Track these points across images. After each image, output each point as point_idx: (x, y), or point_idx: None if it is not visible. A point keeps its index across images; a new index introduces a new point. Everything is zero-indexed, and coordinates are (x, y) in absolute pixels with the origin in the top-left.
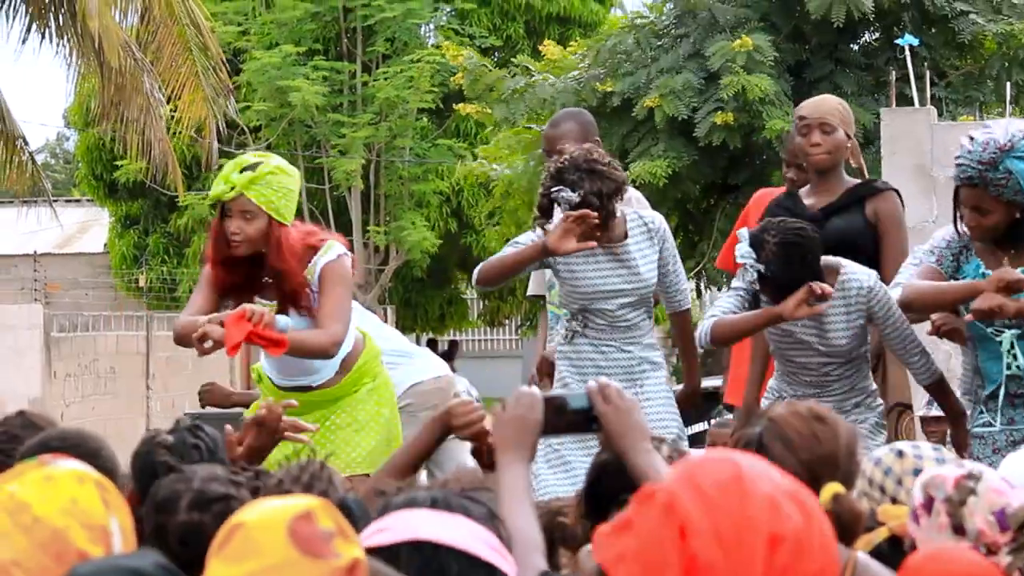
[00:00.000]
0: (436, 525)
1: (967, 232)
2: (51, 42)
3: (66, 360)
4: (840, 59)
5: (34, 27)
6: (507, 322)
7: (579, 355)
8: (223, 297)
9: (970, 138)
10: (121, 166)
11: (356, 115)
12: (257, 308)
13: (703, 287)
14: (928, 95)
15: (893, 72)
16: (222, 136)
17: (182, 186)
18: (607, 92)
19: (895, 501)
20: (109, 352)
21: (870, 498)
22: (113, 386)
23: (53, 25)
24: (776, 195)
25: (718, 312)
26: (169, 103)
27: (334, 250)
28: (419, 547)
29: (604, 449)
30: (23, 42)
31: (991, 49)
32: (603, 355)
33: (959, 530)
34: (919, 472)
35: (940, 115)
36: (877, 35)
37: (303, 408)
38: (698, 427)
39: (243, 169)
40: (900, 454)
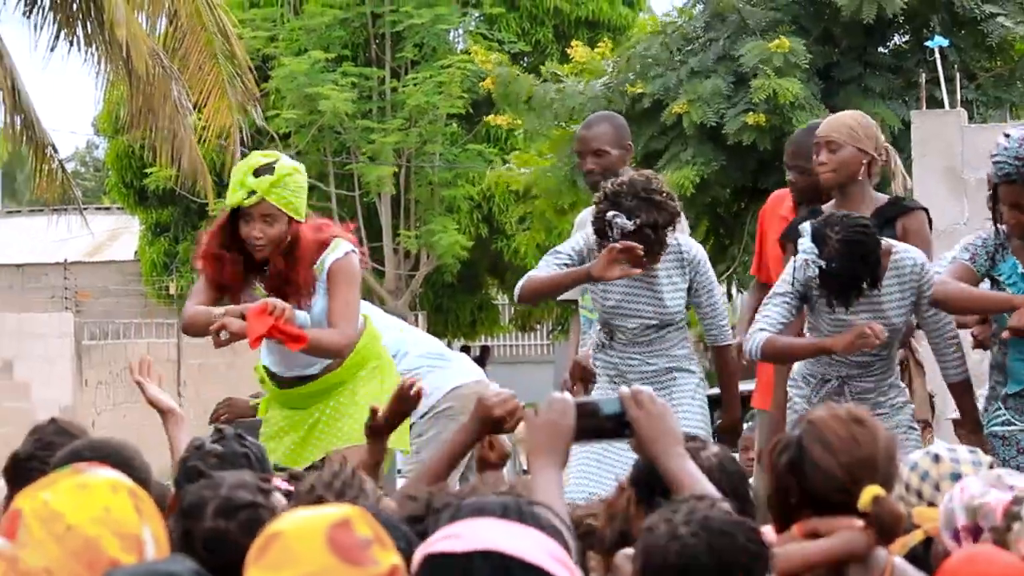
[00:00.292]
0: (507, 535)
1: (1006, 231)
2: (80, 50)
3: (97, 368)
4: (869, 62)
5: (62, 35)
6: (539, 327)
7: (608, 365)
8: (220, 291)
9: (1006, 135)
10: (151, 174)
11: (385, 121)
12: (279, 302)
13: (735, 291)
14: (958, 97)
15: (923, 74)
16: (249, 143)
17: (212, 193)
18: (637, 95)
19: (932, 506)
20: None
21: (907, 503)
22: None
23: (81, 33)
24: (783, 196)
25: (767, 325)
26: (196, 110)
27: (342, 248)
28: (490, 557)
29: (637, 454)
30: (52, 50)
31: (1021, 51)
32: (630, 367)
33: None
34: (956, 476)
35: (970, 117)
36: (907, 37)
37: (307, 401)
38: None
39: (257, 172)
40: (937, 458)
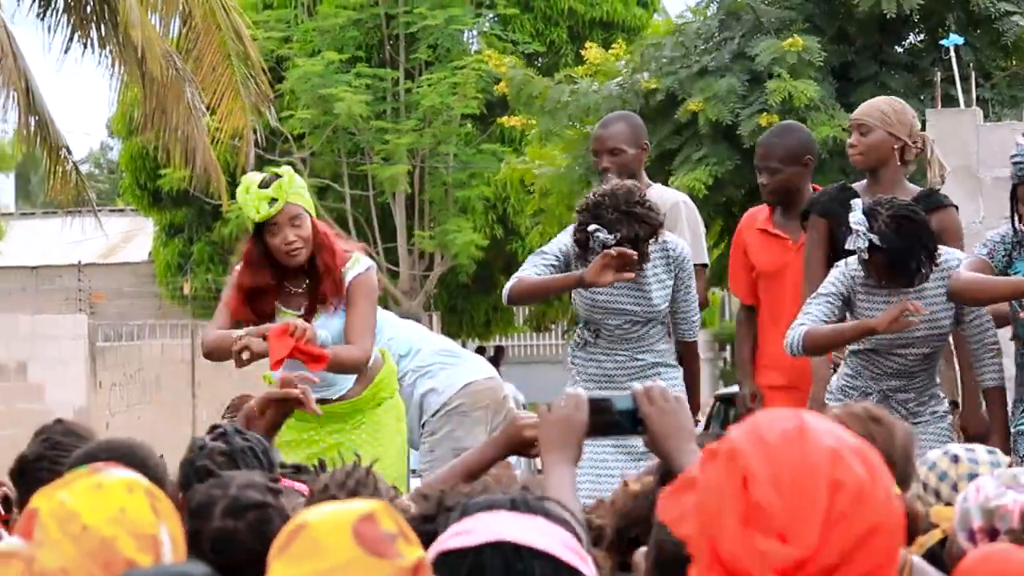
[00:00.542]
0: (516, 526)
1: (1023, 230)
2: (93, 52)
3: (111, 370)
4: (885, 60)
5: (76, 37)
6: (553, 327)
7: (591, 362)
8: (245, 319)
9: None
10: (164, 175)
11: (400, 122)
12: (300, 323)
13: None
14: (973, 96)
15: (938, 73)
16: (264, 144)
17: (226, 194)
18: (650, 90)
19: (950, 506)
20: (154, 361)
21: (924, 502)
22: (159, 395)
23: (95, 35)
24: (756, 213)
25: (808, 321)
26: (210, 112)
27: (363, 263)
28: (501, 548)
29: (649, 450)
30: (66, 52)
31: None
32: (616, 363)
33: None
34: (974, 476)
35: (986, 116)
36: (922, 36)
37: (322, 420)
38: None
39: (263, 184)
40: (955, 459)
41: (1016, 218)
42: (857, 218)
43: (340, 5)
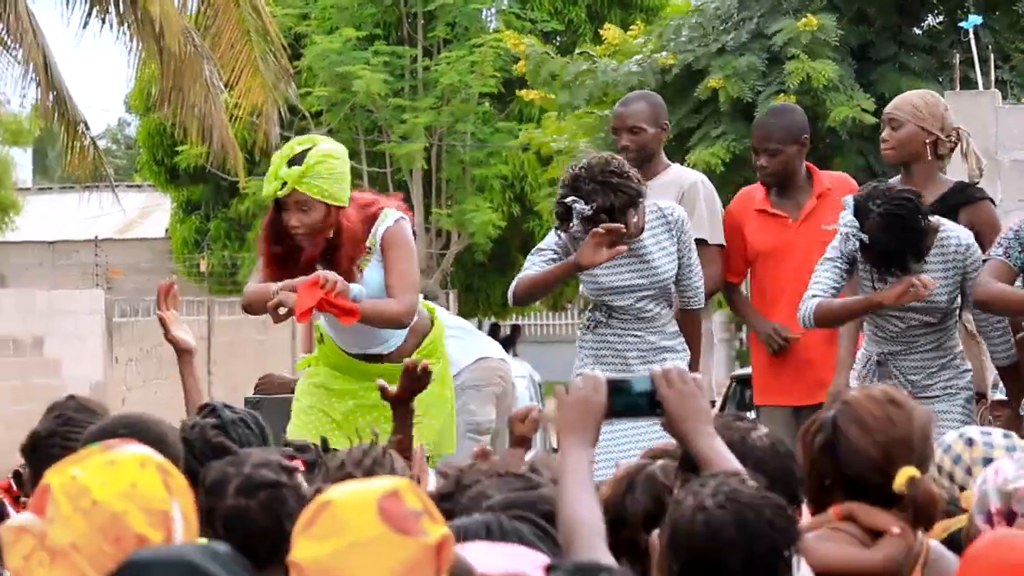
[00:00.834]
0: (488, 558)
1: None
2: (112, 28)
3: (128, 345)
4: (904, 42)
5: (95, 12)
6: (569, 306)
7: (602, 343)
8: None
9: None
10: (182, 151)
11: (417, 99)
12: (331, 275)
13: None
14: (992, 78)
15: (957, 55)
16: (284, 120)
17: (243, 171)
18: (667, 67)
19: (963, 490)
20: None
21: (939, 485)
22: (175, 371)
23: (114, 11)
24: (751, 192)
25: (818, 290)
26: (228, 89)
27: (391, 216)
28: None
29: (667, 432)
30: (84, 27)
31: None
32: (627, 344)
33: None
34: (989, 460)
35: (1004, 98)
36: (941, 18)
37: (361, 375)
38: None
39: (291, 162)
40: (970, 442)
41: None
42: (847, 219)
43: None
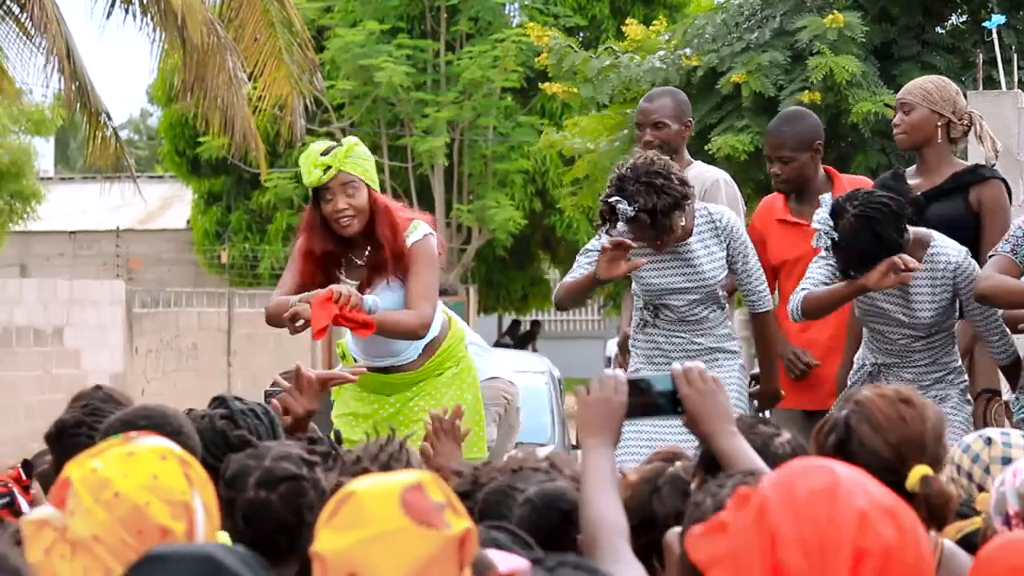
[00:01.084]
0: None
1: None
2: (135, 18)
3: (148, 336)
4: (927, 41)
5: (118, 3)
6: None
7: (650, 344)
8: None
9: None
10: (203, 143)
11: (440, 93)
12: (344, 289)
13: None
14: (1016, 78)
15: (980, 55)
16: (309, 112)
17: (265, 163)
18: (692, 67)
19: (982, 489)
20: (191, 328)
21: (957, 484)
22: (195, 362)
23: (137, 1)
24: (772, 203)
25: (808, 285)
26: (252, 81)
27: (420, 230)
28: None
29: (689, 431)
30: (107, 17)
31: None
32: (674, 345)
33: None
34: (1008, 460)
35: None
36: (964, 17)
37: (385, 389)
38: None
39: (325, 152)
40: (989, 441)
41: None
42: (820, 216)
43: None
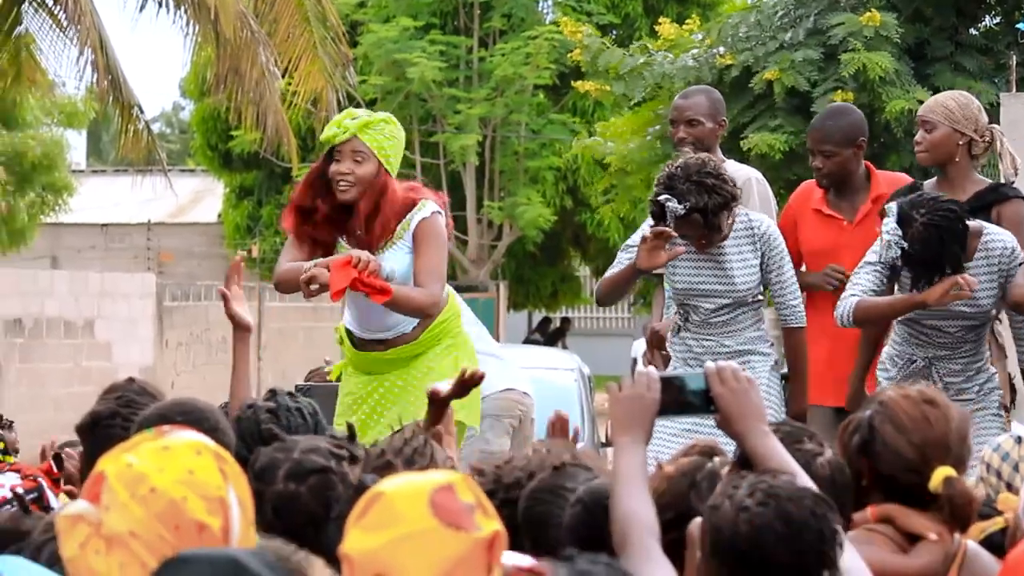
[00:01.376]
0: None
1: None
2: (168, 12)
3: (178, 329)
4: (960, 42)
5: None
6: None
7: (683, 347)
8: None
9: None
10: (236, 137)
11: (472, 90)
12: (364, 255)
13: None
14: None
15: (1014, 56)
16: (342, 106)
17: (296, 158)
18: (726, 66)
19: (1010, 487)
20: (221, 322)
21: (987, 483)
22: (224, 356)
23: None
24: (810, 189)
25: (858, 291)
26: (285, 75)
27: (428, 207)
28: None
29: (721, 430)
30: (141, 11)
31: None
32: (705, 348)
33: None
34: None
35: None
36: (998, 19)
37: (383, 367)
38: None
39: (355, 118)
40: (1019, 440)
41: None
42: (890, 226)
43: None
